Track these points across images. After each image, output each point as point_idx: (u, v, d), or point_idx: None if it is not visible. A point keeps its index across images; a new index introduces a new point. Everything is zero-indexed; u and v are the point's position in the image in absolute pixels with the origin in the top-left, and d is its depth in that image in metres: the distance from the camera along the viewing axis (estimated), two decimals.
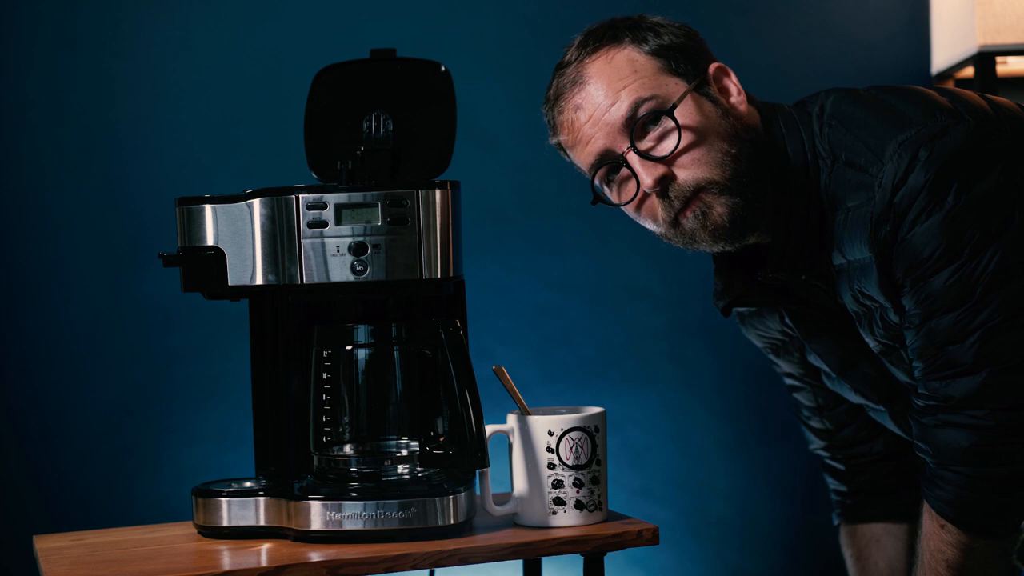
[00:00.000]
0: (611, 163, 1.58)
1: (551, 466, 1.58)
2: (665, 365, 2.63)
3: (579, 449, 1.58)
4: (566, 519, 1.58)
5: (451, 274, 1.58)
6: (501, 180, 2.52)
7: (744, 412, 2.62)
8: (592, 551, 1.55)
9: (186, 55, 2.41)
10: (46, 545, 1.63)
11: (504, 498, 1.62)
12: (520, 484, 1.60)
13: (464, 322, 1.66)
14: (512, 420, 1.60)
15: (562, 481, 1.58)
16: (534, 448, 1.58)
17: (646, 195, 1.57)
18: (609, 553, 1.56)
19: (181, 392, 2.40)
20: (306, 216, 1.56)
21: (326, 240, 1.55)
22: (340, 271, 1.56)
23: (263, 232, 1.57)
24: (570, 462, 1.58)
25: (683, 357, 2.64)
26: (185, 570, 1.46)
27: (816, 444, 1.88)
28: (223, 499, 1.60)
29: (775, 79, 2.58)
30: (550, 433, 1.58)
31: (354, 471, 1.58)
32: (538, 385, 2.49)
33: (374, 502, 1.53)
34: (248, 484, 1.62)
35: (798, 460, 2.66)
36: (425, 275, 1.56)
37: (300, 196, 1.56)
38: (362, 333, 1.60)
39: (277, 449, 1.63)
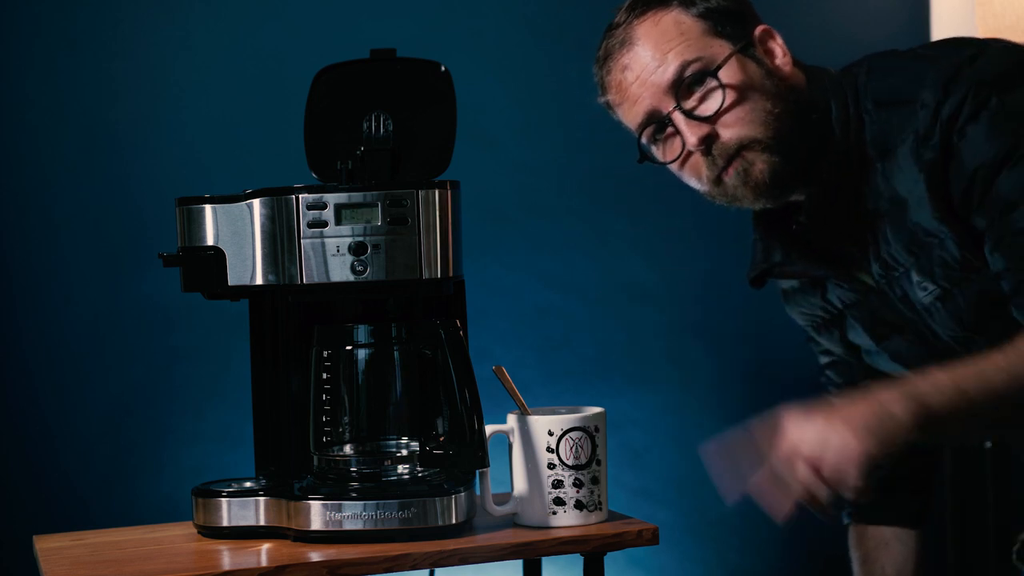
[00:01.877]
0: (657, 122, 1.61)
1: (551, 466, 1.58)
2: (665, 365, 2.63)
3: (579, 449, 1.58)
4: (566, 519, 1.58)
5: (451, 274, 1.58)
6: (501, 180, 2.52)
7: (744, 412, 2.61)
8: (592, 551, 1.55)
9: (186, 55, 2.41)
10: (46, 545, 1.63)
11: (504, 498, 1.62)
12: (520, 484, 1.60)
13: (464, 322, 1.66)
14: (512, 420, 1.60)
15: (562, 481, 1.58)
16: (534, 448, 1.58)
17: (690, 153, 1.61)
18: (609, 553, 1.56)
19: (181, 392, 2.40)
20: (306, 216, 1.56)
21: (326, 240, 1.55)
22: (340, 271, 1.56)
23: (263, 232, 1.57)
24: (570, 462, 1.58)
25: (683, 357, 2.64)
26: (185, 570, 1.46)
27: None
28: (223, 499, 1.60)
29: None
30: (550, 433, 1.58)
31: (354, 471, 1.59)
32: (538, 385, 2.49)
33: (374, 502, 1.53)
34: (248, 484, 1.62)
35: None
36: (425, 275, 1.56)
37: (300, 196, 1.56)
38: (362, 333, 1.60)
39: (277, 449, 1.63)
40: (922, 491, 1.87)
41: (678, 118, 1.59)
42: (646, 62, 1.60)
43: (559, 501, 1.58)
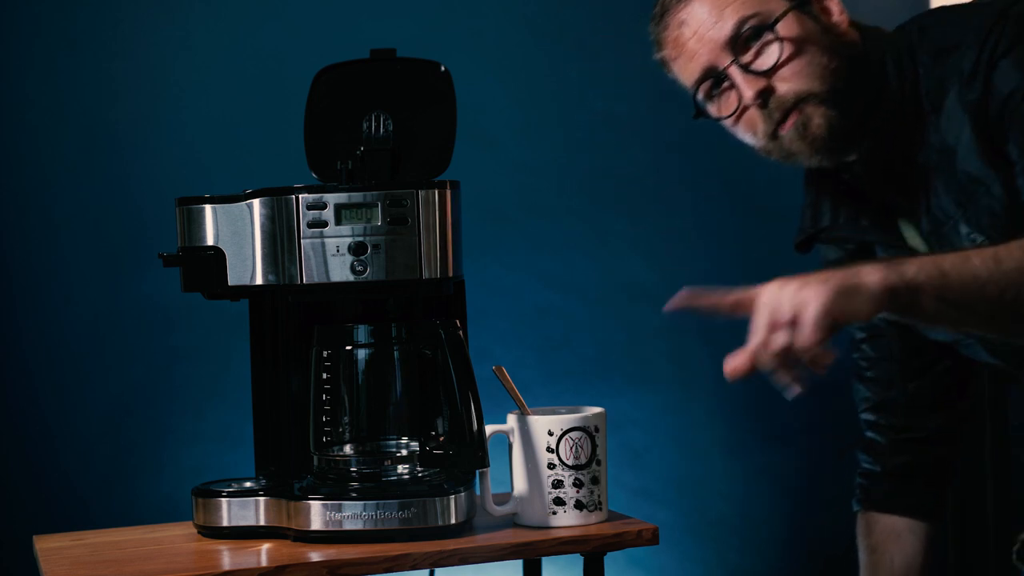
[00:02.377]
0: (714, 77, 1.62)
1: (551, 466, 1.58)
2: (665, 365, 2.63)
3: (579, 449, 1.58)
4: (566, 519, 1.58)
5: (451, 274, 1.58)
6: (501, 180, 2.52)
7: (744, 412, 2.62)
8: (592, 551, 1.55)
9: (186, 55, 2.41)
10: (46, 545, 1.63)
11: (504, 498, 1.62)
12: (520, 484, 1.60)
13: (464, 322, 1.66)
14: (512, 420, 1.60)
15: (562, 481, 1.58)
16: (534, 448, 1.58)
17: (746, 108, 1.61)
18: (609, 553, 1.56)
19: (181, 392, 2.40)
20: (306, 216, 1.56)
21: (326, 240, 1.55)
22: (340, 271, 1.56)
23: (263, 232, 1.57)
24: (570, 462, 1.58)
25: (683, 357, 2.64)
26: (185, 570, 1.46)
27: (865, 403, 1.86)
28: (223, 499, 1.60)
29: None
30: (550, 433, 1.58)
31: (354, 471, 1.59)
32: (538, 385, 2.49)
33: (374, 502, 1.53)
34: (248, 484, 1.62)
35: (798, 460, 2.66)
36: (425, 275, 1.56)
37: (300, 196, 1.56)
38: (362, 333, 1.60)
39: (277, 449, 1.63)
40: (937, 484, 1.86)
41: (735, 72, 1.59)
42: (703, 18, 1.60)
43: (559, 501, 1.58)
